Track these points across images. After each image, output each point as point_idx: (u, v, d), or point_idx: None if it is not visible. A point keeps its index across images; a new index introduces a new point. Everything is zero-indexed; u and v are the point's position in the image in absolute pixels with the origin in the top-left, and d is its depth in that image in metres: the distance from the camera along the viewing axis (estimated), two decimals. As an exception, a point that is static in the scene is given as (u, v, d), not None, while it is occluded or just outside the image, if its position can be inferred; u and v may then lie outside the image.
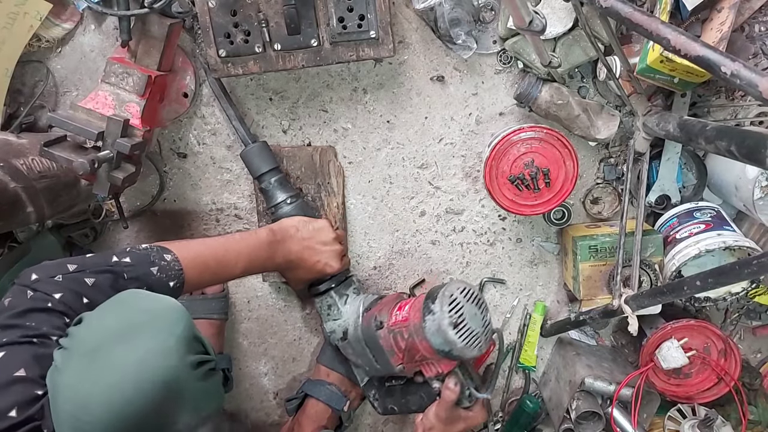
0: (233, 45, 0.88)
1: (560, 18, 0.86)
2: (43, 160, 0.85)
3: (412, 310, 0.81)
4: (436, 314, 0.76)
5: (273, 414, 1.16)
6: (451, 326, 0.75)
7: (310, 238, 0.92)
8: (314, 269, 0.92)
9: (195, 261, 0.75)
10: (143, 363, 0.53)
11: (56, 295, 0.60)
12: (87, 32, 0.98)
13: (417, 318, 0.79)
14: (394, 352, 0.84)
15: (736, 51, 0.90)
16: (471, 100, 1.00)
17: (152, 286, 0.68)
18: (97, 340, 0.54)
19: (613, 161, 1.03)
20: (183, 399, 0.55)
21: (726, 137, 0.63)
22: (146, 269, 0.68)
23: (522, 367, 1.11)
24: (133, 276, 0.67)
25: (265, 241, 0.86)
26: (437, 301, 0.77)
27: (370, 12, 0.86)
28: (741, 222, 0.99)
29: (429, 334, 0.77)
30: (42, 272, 0.62)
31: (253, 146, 0.96)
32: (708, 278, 0.64)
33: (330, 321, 0.96)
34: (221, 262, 0.79)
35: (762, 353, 1.12)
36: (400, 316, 0.83)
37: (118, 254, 0.68)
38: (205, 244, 0.80)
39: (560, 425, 1.00)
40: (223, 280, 0.82)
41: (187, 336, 0.57)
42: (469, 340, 0.76)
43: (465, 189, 1.05)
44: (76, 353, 0.53)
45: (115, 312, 0.58)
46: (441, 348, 0.76)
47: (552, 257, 1.08)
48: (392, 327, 0.83)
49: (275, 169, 0.97)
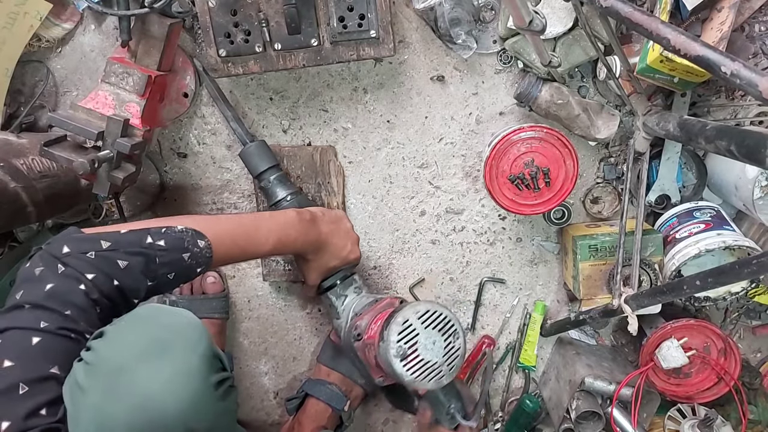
0: (233, 45, 0.88)
1: (560, 18, 0.86)
2: (43, 160, 0.85)
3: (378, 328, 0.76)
4: (385, 341, 0.71)
5: (273, 413, 1.16)
6: (398, 358, 0.70)
7: (335, 223, 0.92)
8: (340, 254, 0.91)
9: (224, 238, 0.73)
10: (168, 385, 0.52)
11: (89, 275, 0.59)
12: (87, 32, 0.98)
13: (378, 340, 0.74)
14: (370, 365, 0.82)
15: (736, 51, 0.90)
16: (471, 100, 1.00)
17: (181, 271, 0.67)
18: (121, 357, 0.53)
19: (613, 161, 1.03)
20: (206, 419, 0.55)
21: (726, 137, 0.63)
22: (178, 255, 0.67)
23: (522, 366, 1.11)
24: (165, 261, 0.65)
25: (296, 219, 0.84)
26: (391, 326, 0.71)
27: (371, 11, 0.86)
28: (741, 222, 0.99)
29: (381, 361, 0.72)
30: (74, 246, 0.60)
31: (251, 145, 0.96)
32: (708, 278, 0.64)
33: (334, 320, 0.97)
34: (251, 239, 0.77)
35: (762, 353, 1.12)
36: (372, 331, 0.79)
37: (153, 234, 0.66)
38: (236, 221, 0.78)
39: (560, 425, 1.00)
40: (250, 257, 0.80)
41: (209, 354, 0.57)
42: (419, 372, 0.70)
43: (465, 188, 1.05)
44: (99, 371, 0.53)
45: (137, 328, 0.57)
46: (393, 377, 0.71)
47: (552, 257, 1.08)
48: (367, 341, 0.80)
49: (274, 167, 0.97)
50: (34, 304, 0.56)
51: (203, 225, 0.71)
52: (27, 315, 0.55)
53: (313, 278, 0.93)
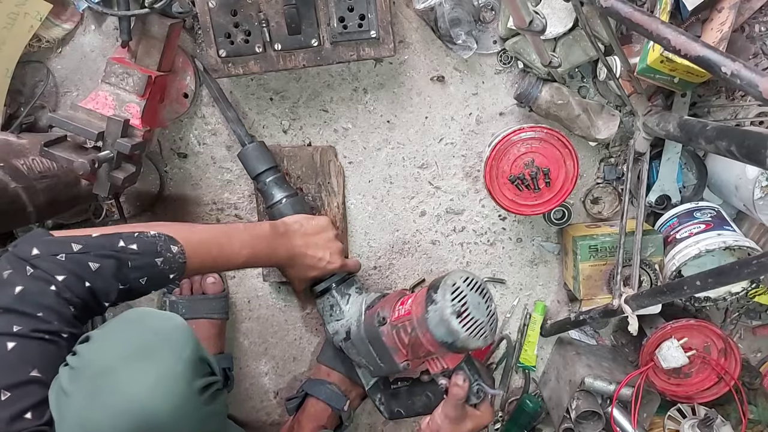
0: (233, 45, 0.88)
1: (560, 18, 0.86)
2: (44, 160, 0.85)
3: (414, 303, 0.79)
4: (438, 304, 0.74)
5: (273, 413, 1.16)
6: (454, 315, 0.73)
7: (313, 234, 0.91)
8: (317, 266, 0.91)
9: (198, 248, 0.73)
10: (152, 390, 0.52)
11: (59, 277, 0.58)
12: (87, 32, 0.98)
13: (419, 310, 0.76)
14: (397, 348, 0.82)
15: (737, 51, 0.90)
16: (471, 100, 1.00)
17: (153, 276, 0.67)
18: (105, 362, 0.53)
19: (613, 161, 1.03)
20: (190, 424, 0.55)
21: (726, 137, 0.63)
22: (151, 260, 0.66)
23: (522, 366, 1.12)
24: (137, 265, 0.65)
25: (269, 233, 0.85)
26: (439, 290, 0.75)
27: (371, 12, 0.86)
28: (741, 222, 1.00)
29: (432, 325, 0.74)
30: (44, 248, 0.59)
31: (248, 147, 0.96)
32: (708, 278, 0.64)
33: (332, 322, 0.95)
34: (224, 251, 0.77)
35: (762, 352, 1.12)
36: (403, 311, 0.81)
37: (125, 238, 0.65)
38: (210, 231, 0.78)
39: (560, 425, 1.00)
40: (222, 269, 0.80)
41: (195, 359, 0.57)
42: (473, 329, 0.73)
43: (465, 189, 1.05)
44: (84, 376, 0.53)
45: (123, 332, 0.57)
46: (444, 339, 0.74)
47: (552, 257, 1.08)
48: (395, 322, 0.81)
49: (272, 168, 0.96)
50: (5, 308, 0.55)
51: (177, 233, 0.71)
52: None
53: (296, 286, 0.94)
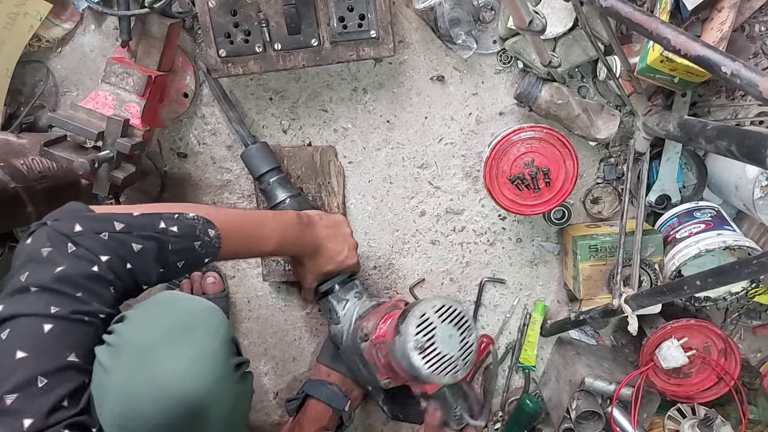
0: (233, 45, 0.88)
1: (560, 18, 0.86)
2: (43, 160, 0.85)
3: (389, 327, 0.76)
4: (402, 336, 0.70)
5: (273, 414, 1.16)
6: (416, 350, 0.69)
7: (334, 227, 0.91)
8: (336, 259, 0.90)
9: (232, 233, 0.72)
10: (191, 365, 0.53)
11: (103, 257, 0.56)
12: (87, 32, 0.98)
13: (390, 336, 0.74)
14: (377, 366, 0.82)
15: (737, 51, 0.90)
16: (471, 100, 1.00)
17: (190, 260, 0.66)
18: (145, 339, 0.54)
19: (613, 161, 1.03)
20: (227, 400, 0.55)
21: (726, 137, 0.63)
22: (190, 243, 0.66)
23: (522, 366, 1.11)
24: (176, 248, 0.64)
25: (296, 221, 0.84)
26: (406, 320, 0.71)
27: (371, 12, 0.86)
28: (741, 222, 0.99)
29: (397, 356, 0.72)
30: (87, 224, 0.57)
31: (252, 147, 0.96)
32: (708, 278, 0.64)
33: (332, 325, 0.95)
34: (256, 236, 0.77)
35: (762, 353, 1.12)
36: (381, 331, 0.79)
37: (165, 219, 0.64)
38: (242, 216, 0.78)
39: (560, 425, 1.00)
40: (253, 255, 0.79)
41: (228, 338, 0.58)
42: (438, 366, 0.69)
43: (465, 189, 1.05)
44: (124, 353, 0.53)
45: (159, 311, 0.58)
46: (409, 371, 0.71)
47: (552, 257, 1.08)
48: (375, 341, 0.80)
49: (275, 169, 0.97)
50: (42, 287, 0.53)
51: (213, 216, 0.70)
52: (35, 300, 0.53)
53: (309, 281, 0.93)
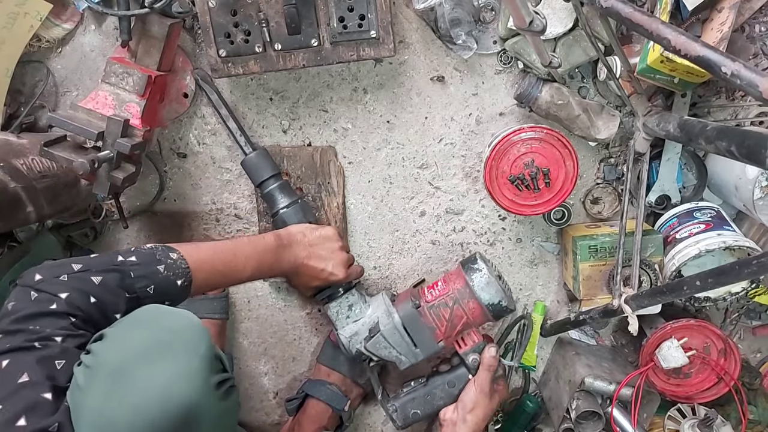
0: (233, 45, 0.88)
1: (560, 18, 0.86)
2: (43, 160, 0.85)
3: (450, 280, 0.89)
4: (482, 270, 0.86)
5: (273, 414, 1.16)
6: (498, 277, 0.86)
7: (317, 245, 0.91)
8: (320, 276, 0.91)
9: (204, 264, 0.73)
10: (169, 385, 0.53)
11: (62, 295, 0.58)
12: (87, 32, 0.97)
13: (460, 283, 0.87)
14: (435, 327, 0.88)
15: (737, 51, 0.90)
16: (471, 100, 1.00)
17: (160, 284, 0.67)
18: (121, 359, 0.53)
19: (613, 161, 1.03)
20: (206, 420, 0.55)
21: (726, 137, 0.63)
22: (153, 268, 0.67)
23: (522, 366, 1.11)
24: (140, 274, 0.65)
25: (273, 245, 0.85)
26: (478, 261, 0.87)
27: (371, 12, 0.86)
28: (741, 222, 0.99)
29: (479, 289, 0.85)
30: (46, 272, 0.61)
31: (252, 155, 0.96)
32: (708, 278, 0.64)
33: (351, 323, 0.93)
34: (230, 266, 0.78)
35: (762, 353, 1.12)
36: (437, 291, 0.89)
37: (123, 254, 0.66)
38: (213, 248, 0.79)
39: (560, 425, 1.00)
40: (230, 283, 0.81)
41: (210, 355, 0.57)
42: (509, 291, 0.87)
43: (465, 189, 1.05)
44: (100, 373, 0.53)
45: (137, 330, 0.57)
46: (491, 301, 0.85)
47: (552, 257, 1.08)
48: (431, 302, 0.88)
49: (276, 175, 0.96)
50: (2, 331, 0.56)
51: (179, 248, 0.72)
52: None
53: (302, 292, 0.96)
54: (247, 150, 0.97)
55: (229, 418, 0.59)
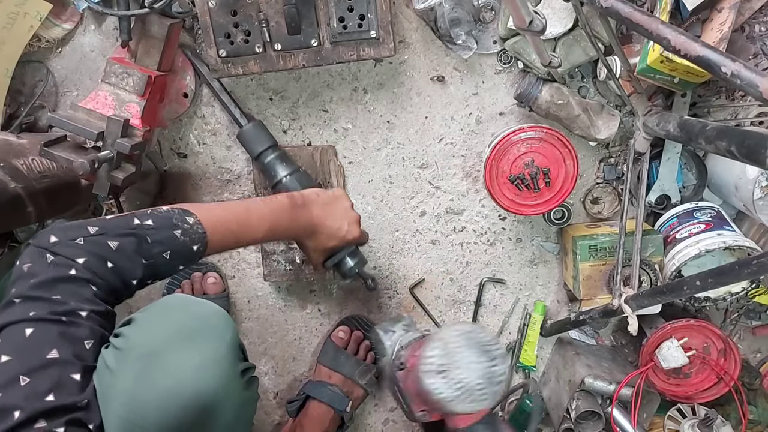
0: (233, 45, 0.88)
1: (560, 18, 0.86)
2: (43, 160, 0.85)
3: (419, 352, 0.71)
4: (421, 359, 0.66)
5: (273, 414, 1.16)
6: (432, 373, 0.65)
7: (331, 204, 0.89)
8: (336, 235, 0.88)
9: (217, 224, 0.71)
10: (200, 370, 0.53)
11: (79, 260, 0.57)
12: (87, 32, 0.97)
13: (415, 361, 0.70)
14: (412, 396, 0.75)
15: (737, 51, 0.90)
16: (471, 100, 1.00)
17: (176, 249, 0.65)
18: (153, 343, 0.54)
19: (613, 161, 1.03)
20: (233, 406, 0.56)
21: (726, 137, 0.63)
22: (169, 232, 0.65)
23: (522, 366, 1.11)
24: (156, 239, 0.63)
25: (288, 204, 0.83)
26: (426, 344, 0.67)
27: (371, 12, 0.86)
28: (741, 222, 0.99)
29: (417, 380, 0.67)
30: (61, 234, 0.58)
31: (247, 127, 0.96)
32: (708, 278, 0.64)
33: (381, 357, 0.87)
34: (244, 225, 0.76)
35: (762, 353, 1.12)
36: (414, 358, 0.73)
37: (139, 216, 0.64)
38: (227, 208, 0.77)
39: (560, 425, 1.00)
40: (244, 244, 0.78)
41: (235, 343, 0.58)
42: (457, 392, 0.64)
43: (465, 189, 1.05)
44: (131, 356, 0.53)
45: (167, 315, 0.58)
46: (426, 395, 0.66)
47: (552, 257, 1.08)
48: (411, 368, 0.74)
49: (272, 146, 0.96)
50: (24, 296, 0.55)
51: (192, 209, 0.70)
52: (18, 309, 0.54)
53: (314, 259, 0.91)
54: (242, 122, 0.96)
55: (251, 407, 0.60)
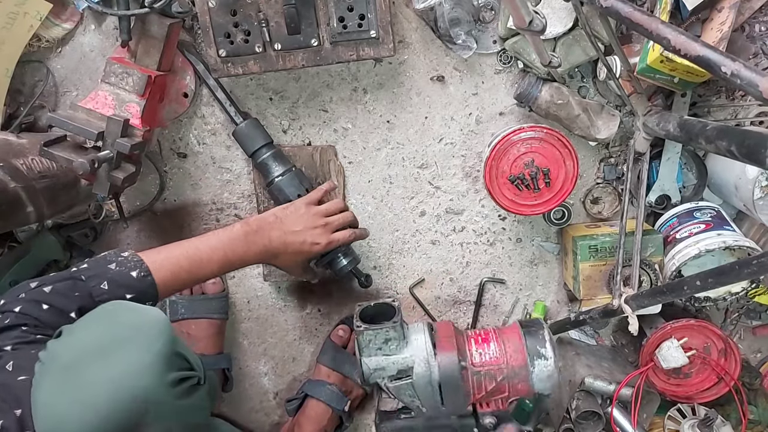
0: (233, 45, 0.88)
1: (560, 18, 0.86)
2: (43, 160, 0.85)
3: (506, 350, 0.76)
4: (549, 360, 0.74)
5: (273, 414, 1.16)
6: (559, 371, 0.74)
7: (289, 220, 0.87)
8: (302, 249, 0.87)
9: (165, 261, 0.73)
10: (118, 381, 0.53)
11: (16, 308, 0.62)
12: (87, 32, 0.97)
13: (519, 360, 0.75)
14: (471, 392, 0.76)
15: (737, 51, 0.90)
16: (471, 100, 1.00)
17: (113, 279, 0.67)
18: (73, 356, 0.54)
19: (613, 161, 1.03)
20: (162, 417, 0.55)
21: (726, 137, 0.63)
22: (103, 267, 0.68)
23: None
24: (90, 275, 0.67)
25: (241, 233, 0.83)
26: (547, 343, 0.75)
27: (371, 12, 0.86)
28: (741, 222, 0.99)
29: (537, 379, 0.75)
30: (9, 295, 0.64)
31: (242, 125, 0.96)
32: (708, 278, 0.64)
33: (380, 356, 0.78)
34: (194, 259, 0.77)
35: (762, 353, 1.12)
36: (487, 356, 0.77)
37: (77, 265, 0.69)
38: (176, 245, 0.78)
39: (560, 425, 1.00)
40: (201, 277, 0.79)
41: (167, 352, 0.57)
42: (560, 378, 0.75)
43: (465, 189, 1.05)
44: (52, 369, 0.54)
45: (94, 326, 0.58)
46: (543, 391, 0.75)
47: (552, 257, 1.08)
48: (478, 368, 0.76)
49: (268, 144, 0.96)
50: None
51: (140, 254, 0.73)
52: None
53: (293, 274, 0.93)
54: (238, 120, 0.96)
55: (192, 416, 0.59)
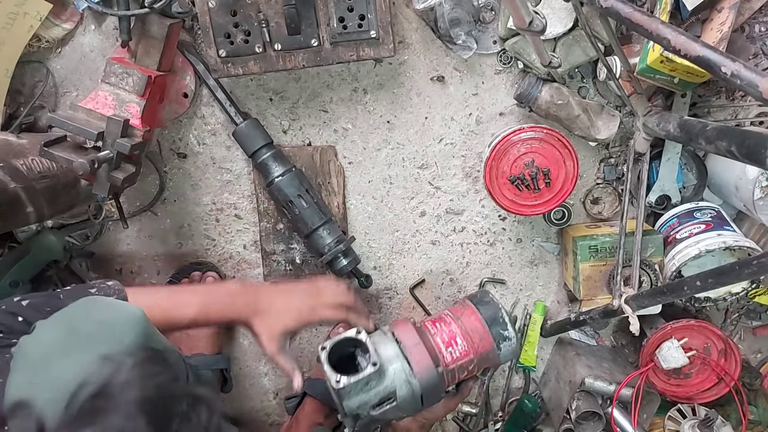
0: (233, 45, 0.88)
1: (560, 18, 0.86)
2: (43, 160, 0.85)
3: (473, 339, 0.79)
4: (512, 339, 0.81)
5: (273, 414, 1.16)
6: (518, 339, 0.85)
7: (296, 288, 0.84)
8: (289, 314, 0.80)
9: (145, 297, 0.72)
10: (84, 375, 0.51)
11: None
12: (87, 32, 0.97)
13: (486, 346, 0.80)
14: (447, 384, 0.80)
15: (737, 51, 0.90)
16: (471, 100, 1.00)
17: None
18: (41, 351, 0.55)
19: (613, 161, 1.03)
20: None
21: (726, 137, 0.63)
22: (84, 291, 0.68)
23: (522, 367, 1.11)
24: (70, 296, 0.66)
25: (230, 288, 0.82)
26: (509, 327, 0.81)
27: (371, 12, 0.86)
28: (741, 222, 0.99)
29: (504, 357, 0.81)
30: None
31: (242, 125, 0.96)
32: (708, 278, 0.64)
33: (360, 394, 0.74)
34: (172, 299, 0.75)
35: (762, 353, 1.12)
36: (458, 353, 0.79)
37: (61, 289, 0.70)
38: (152, 292, 0.77)
39: (560, 425, 1.00)
40: (176, 322, 0.75)
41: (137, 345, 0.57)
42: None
43: (465, 189, 1.05)
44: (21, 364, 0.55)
45: (64, 322, 0.58)
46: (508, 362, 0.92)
47: (552, 257, 1.08)
48: (451, 367, 0.79)
49: (268, 144, 0.97)
50: None
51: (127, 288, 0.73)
52: None
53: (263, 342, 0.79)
54: (238, 120, 0.97)
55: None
